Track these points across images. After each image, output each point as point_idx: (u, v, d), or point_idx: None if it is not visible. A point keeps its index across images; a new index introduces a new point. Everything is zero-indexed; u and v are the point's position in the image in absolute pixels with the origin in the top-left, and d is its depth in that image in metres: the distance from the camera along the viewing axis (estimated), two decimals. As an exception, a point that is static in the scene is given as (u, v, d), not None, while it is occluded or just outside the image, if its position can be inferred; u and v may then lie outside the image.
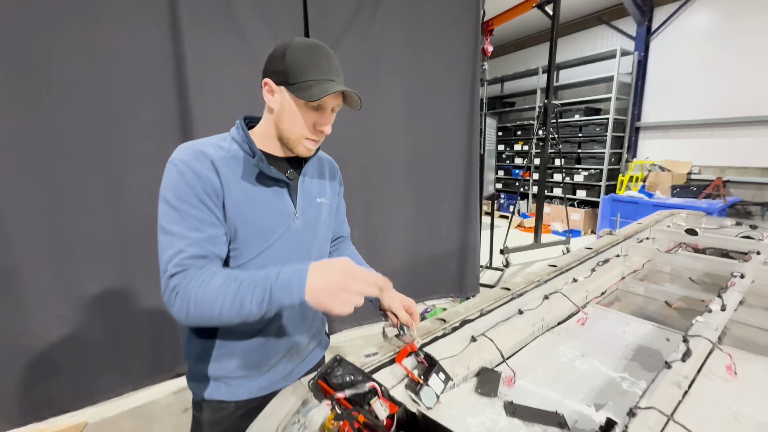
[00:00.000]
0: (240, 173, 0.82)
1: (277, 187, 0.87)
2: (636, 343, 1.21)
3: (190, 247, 0.74)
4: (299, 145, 0.86)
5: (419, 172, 3.00)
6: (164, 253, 0.75)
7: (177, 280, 0.72)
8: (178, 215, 0.75)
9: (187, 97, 1.97)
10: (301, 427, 0.68)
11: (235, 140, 0.85)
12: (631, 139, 6.35)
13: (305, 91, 0.78)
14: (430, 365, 0.88)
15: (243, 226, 0.82)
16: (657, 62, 5.95)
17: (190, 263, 0.74)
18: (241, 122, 0.88)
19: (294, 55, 0.79)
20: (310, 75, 0.79)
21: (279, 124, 0.84)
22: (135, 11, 1.82)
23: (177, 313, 0.73)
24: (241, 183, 0.82)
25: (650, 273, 1.89)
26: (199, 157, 0.78)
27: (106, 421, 1.99)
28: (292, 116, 0.82)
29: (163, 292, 0.75)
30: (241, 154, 0.84)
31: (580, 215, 6.27)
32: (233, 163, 0.82)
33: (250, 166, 0.84)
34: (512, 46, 8.54)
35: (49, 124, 1.72)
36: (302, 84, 0.78)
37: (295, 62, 0.78)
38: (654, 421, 0.80)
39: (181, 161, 0.77)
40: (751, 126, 5.05)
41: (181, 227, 0.75)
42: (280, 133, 0.85)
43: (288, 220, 0.88)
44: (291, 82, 0.79)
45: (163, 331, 2.10)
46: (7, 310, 1.72)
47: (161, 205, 0.77)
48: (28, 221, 1.72)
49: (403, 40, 2.74)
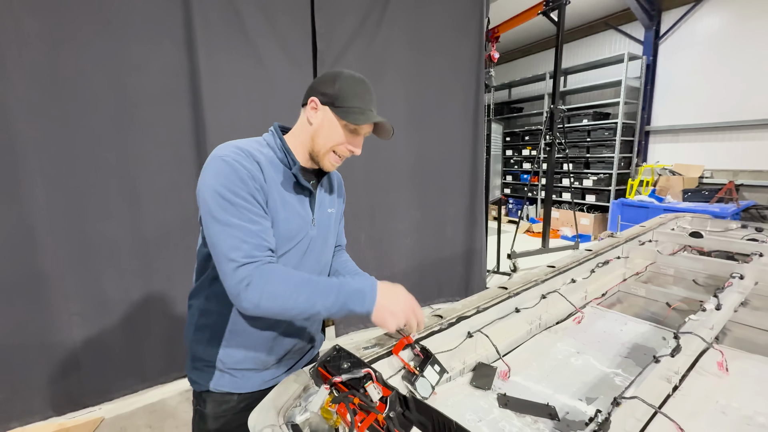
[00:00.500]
0: (278, 178, 0.90)
1: (302, 195, 0.95)
2: (632, 342, 1.24)
3: (252, 237, 0.80)
4: (326, 160, 0.94)
5: (424, 177, 3.06)
6: (223, 243, 0.79)
7: (247, 272, 0.77)
8: (235, 208, 0.80)
9: (200, 107, 2.08)
10: (302, 410, 0.73)
11: (270, 146, 0.93)
12: (640, 143, 6.29)
13: (350, 115, 0.88)
14: (426, 357, 0.92)
15: (276, 224, 0.89)
16: (666, 66, 5.91)
17: (258, 255, 0.79)
18: (277, 131, 0.95)
19: (344, 84, 0.90)
20: (356, 102, 0.89)
21: (315, 138, 0.92)
22: (153, 27, 1.94)
23: (247, 302, 0.78)
24: (279, 187, 0.89)
25: (653, 276, 1.90)
26: (248, 157, 0.85)
27: (122, 417, 2.08)
28: (330, 132, 0.90)
29: (226, 279, 0.79)
30: (277, 160, 0.92)
31: (590, 220, 6.22)
32: (272, 167, 0.89)
33: (287, 173, 0.92)
34: (519, 53, 8.58)
35: (76, 134, 1.84)
36: (348, 108, 0.89)
37: (344, 90, 0.89)
38: (641, 412, 0.83)
39: (233, 159, 0.82)
40: (765, 129, 4.97)
41: (239, 219, 0.80)
42: (314, 146, 0.93)
43: (307, 227, 0.96)
44: (337, 105, 0.89)
45: (176, 331, 2.18)
46: (34, 309, 1.82)
47: (213, 197, 0.80)
48: (54, 224, 1.83)
49: (408, 48, 2.82)
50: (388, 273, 2.91)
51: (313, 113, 0.91)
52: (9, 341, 1.78)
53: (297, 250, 0.94)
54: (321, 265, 1.04)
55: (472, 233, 3.38)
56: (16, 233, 1.75)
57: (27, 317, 1.81)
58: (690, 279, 1.79)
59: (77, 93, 1.83)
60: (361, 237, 2.77)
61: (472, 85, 3.20)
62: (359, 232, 2.76)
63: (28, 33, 1.70)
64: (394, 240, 2.96)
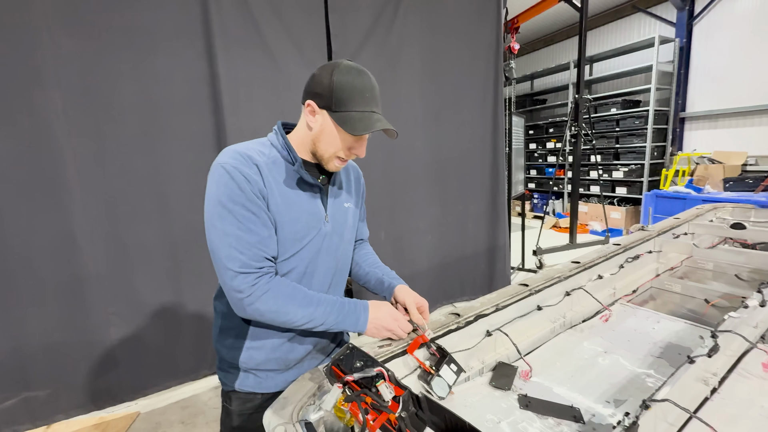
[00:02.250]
0: (281, 177, 0.89)
1: (311, 192, 0.94)
2: (665, 341, 1.17)
3: (248, 248, 0.82)
4: (330, 163, 0.92)
5: (443, 174, 3.02)
6: (221, 251, 0.82)
7: (245, 284, 0.81)
8: (233, 217, 0.82)
9: (221, 113, 2.14)
10: (316, 408, 0.74)
11: (274, 146, 0.92)
12: (675, 130, 5.94)
13: (348, 123, 0.84)
14: (442, 357, 0.91)
15: (281, 227, 0.89)
16: (701, 47, 5.55)
17: (255, 266, 0.82)
18: (280, 129, 0.94)
19: (340, 82, 0.83)
20: (354, 106, 0.84)
21: (317, 143, 0.90)
22: (175, 39, 2.02)
23: (251, 313, 0.83)
24: (282, 187, 0.89)
25: (690, 271, 1.78)
26: (247, 161, 0.85)
27: (156, 412, 2.18)
28: (330, 139, 0.87)
29: (225, 287, 0.83)
30: (281, 159, 0.91)
31: (621, 213, 5.94)
32: (274, 167, 0.89)
33: (291, 171, 0.91)
34: (541, 42, 8.31)
35: (108, 143, 1.94)
36: (346, 114, 0.84)
37: (340, 90, 0.83)
38: (674, 416, 0.78)
39: (232, 165, 0.82)
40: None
41: (236, 228, 0.82)
42: (316, 150, 0.91)
43: (319, 223, 0.95)
44: (335, 109, 0.84)
45: (205, 330, 2.26)
46: (75, 309, 1.94)
47: (213, 205, 0.82)
48: (91, 230, 1.94)
49: (423, 44, 2.78)
50: (409, 271, 2.90)
51: (312, 118, 0.87)
52: (53, 340, 1.90)
53: (310, 248, 0.93)
54: (338, 261, 1.02)
55: (494, 230, 3.31)
56: (58, 239, 1.87)
57: (69, 317, 1.92)
58: (732, 274, 1.67)
59: (108, 105, 1.93)
60: (380, 235, 2.77)
61: (490, 78, 3.13)
62: (379, 230, 2.75)
63: (64, 52, 1.80)
64: (414, 238, 2.94)
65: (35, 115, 1.77)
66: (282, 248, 0.90)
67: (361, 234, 1.19)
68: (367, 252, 1.18)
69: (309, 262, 0.94)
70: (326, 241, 0.97)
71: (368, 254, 1.18)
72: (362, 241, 1.21)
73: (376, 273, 1.11)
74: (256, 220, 0.83)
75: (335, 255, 1.00)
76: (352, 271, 1.16)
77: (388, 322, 0.92)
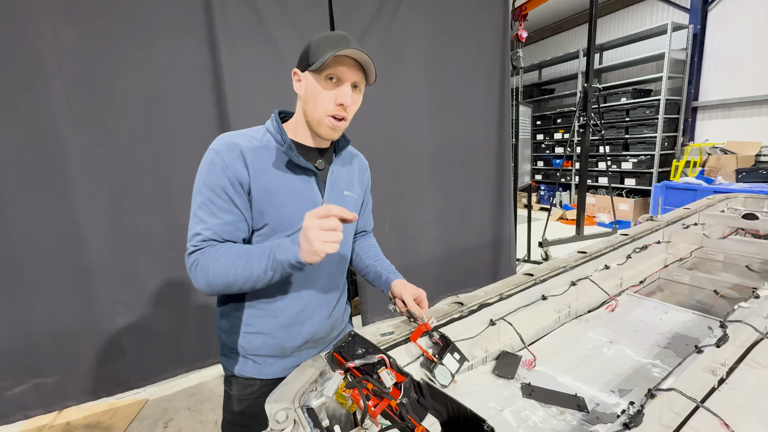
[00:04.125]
0: (270, 161, 0.89)
1: (305, 175, 0.92)
2: (673, 332, 1.15)
3: (206, 230, 0.85)
4: (322, 125, 0.89)
5: (448, 164, 2.98)
6: (189, 233, 0.87)
7: (193, 258, 0.83)
8: (203, 200, 0.85)
9: (224, 103, 2.13)
10: (317, 395, 0.74)
11: (269, 131, 0.93)
12: (687, 120, 5.81)
13: (318, 62, 0.83)
14: (445, 345, 0.90)
15: (270, 209, 0.88)
16: (716, 34, 5.39)
17: (205, 245, 0.84)
18: (275, 115, 0.95)
19: (315, 41, 0.86)
20: (326, 51, 0.83)
21: (305, 107, 0.90)
22: (177, 28, 2.00)
23: (198, 284, 0.84)
24: (271, 170, 0.88)
25: (700, 262, 1.75)
26: (230, 147, 0.86)
27: (164, 399, 2.22)
28: (315, 94, 0.87)
29: (187, 269, 0.85)
30: (273, 144, 0.90)
31: (629, 205, 5.85)
32: (264, 151, 0.89)
33: (281, 155, 0.90)
34: (549, 30, 8.13)
35: (111, 133, 1.94)
36: (318, 61, 0.83)
37: (315, 45, 0.85)
38: (680, 406, 0.77)
39: (215, 151, 0.86)
40: (836, 98, 4.43)
41: (203, 212, 0.85)
42: (307, 116, 0.90)
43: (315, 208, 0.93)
44: (310, 62, 0.85)
45: (210, 319, 2.28)
46: (80, 299, 1.96)
47: (194, 188, 0.87)
48: (96, 220, 1.95)
49: (427, 33, 2.73)
50: (413, 262, 2.89)
51: (299, 85, 0.90)
52: (61, 328, 1.93)
53: None
54: (341, 251, 1.01)
55: (499, 221, 3.28)
56: (64, 229, 1.88)
57: (75, 306, 1.95)
58: (742, 264, 1.64)
59: (111, 96, 1.92)
60: (384, 226, 2.76)
61: (497, 67, 3.07)
62: (382, 221, 2.74)
63: (66, 42, 1.79)
64: (418, 229, 2.92)
65: (39, 106, 1.77)
66: (272, 232, 0.90)
67: (365, 225, 1.18)
68: (369, 244, 1.17)
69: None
70: None
71: (370, 246, 1.16)
72: (366, 233, 1.20)
73: (376, 267, 1.10)
74: (223, 204, 0.85)
75: None
76: (353, 262, 1.15)
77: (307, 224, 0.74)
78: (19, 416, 1.89)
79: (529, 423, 0.80)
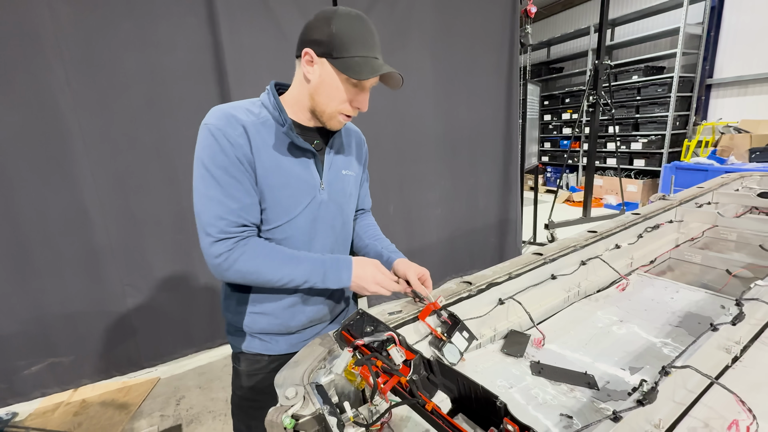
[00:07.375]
0: (270, 140, 0.84)
1: (304, 157, 0.88)
2: (684, 311, 1.13)
3: (229, 215, 0.80)
4: (333, 120, 0.86)
5: (454, 145, 2.93)
6: (203, 216, 0.81)
7: (223, 248, 0.80)
8: (215, 181, 0.80)
9: (226, 82, 2.08)
10: (326, 372, 0.74)
11: (265, 106, 0.86)
12: (700, 98, 5.63)
13: (352, 68, 0.77)
14: (454, 324, 0.89)
15: (269, 192, 0.85)
16: (735, 7, 5.15)
17: (233, 232, 0.80)
18: (272, 88, 0.88)
19: (341, 27, 0.76)
20: (357, 51, 0.77)
21: (315, 97, 0.83)
22: (176, 5, 1.94)
23: (230, 276, 0.82)
24: (270, 150, 0.84)
25: (712, 241, 1.72)
26: (231, 122, 0.80)
27: (175, 377, 2.27)
28: (331, 90, 0.81)
29: (204, 252, 0.82)
30: (271, 121, 0.85)
31: (638, 186, 5.76)
32: (263, 129, 0.83)
33: (280, 134, 0.85)
34: (559, 5, 7.83)
35: (114, 116, 1.92)
36: (349, 60, 0.77)
37: (341, 35, 0.76)
38: (694, 383, 0.76)
39: (216, 126, 0.79)
40: None
41: (218, 193, 0.80)
42: (315, 105, 0.85)
43: (313, 191, 0.90)
44: (336, 56, 0.77)
45: (217, 299, 2.30)
46: (91, 281, 1.99)
47: (198, 167, 0.81)
48: (103, 203, 1.95)
49: (433, 9, 2.63)
50: (418, 244, 2.88)
51: (310, 68, 0.81)
52: (73, 309, 1.97)
53: (304, 217, 0.90)
54: (336, 231, 0.99)
55: (505, 203, 3.24)
56: (71, 212, 1.89)
57: (86, 288, 1.97)
58: (755, 244, 1.60)
59: (112, 76, 1.88)
60: (389, 208, 2.74)
61: (505, 44, 2.96)
62: (387, 203, 2.72)
63: (64, 21, 1.75)
64: (423, 211, 2.90)
65: (40, 89, 1.74)
66: (273, 215, 0.87)
67: (363, 204, 1.14)
68: (368, 223, 1.14)
69: (305, 231, 0.91)
70: (322, 209, 0.92)
71: (369, 226, 1.14)
72: (364, 212, 1.17)
73: (376, 246, 1.08)
74: (239, 186, 0.81)
75: (333, 224, 0.96)
76: (352, 242, 1.12)
77: (374, 276, 0.87)
78: (37, 394, 1.95)
79: (539, 400, 0.80)
